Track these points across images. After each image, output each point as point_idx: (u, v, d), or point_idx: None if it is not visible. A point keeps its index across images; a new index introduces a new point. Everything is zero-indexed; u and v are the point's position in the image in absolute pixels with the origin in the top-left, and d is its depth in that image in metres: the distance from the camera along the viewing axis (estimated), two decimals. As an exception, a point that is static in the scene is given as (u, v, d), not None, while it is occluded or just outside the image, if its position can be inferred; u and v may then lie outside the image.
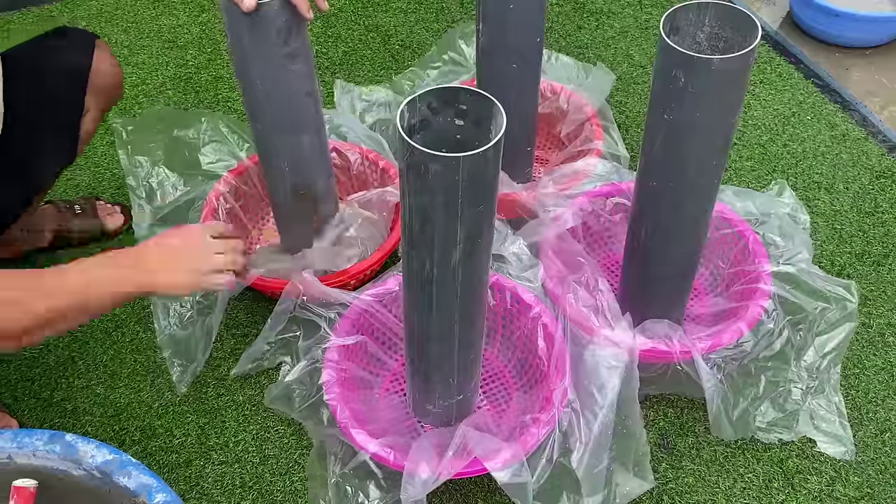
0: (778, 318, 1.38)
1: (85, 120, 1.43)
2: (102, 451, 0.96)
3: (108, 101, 1.48)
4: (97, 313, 1.11)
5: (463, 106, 0.94)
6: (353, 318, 1.34)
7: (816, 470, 1.34)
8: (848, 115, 1.97)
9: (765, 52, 2.16)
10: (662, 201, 1.22)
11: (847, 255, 1.66)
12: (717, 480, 1.33)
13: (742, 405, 1.35)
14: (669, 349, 1.28)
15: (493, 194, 0.95)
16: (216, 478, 1.34)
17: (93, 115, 1.44)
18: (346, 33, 2.22)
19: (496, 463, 1.13)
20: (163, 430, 1.40)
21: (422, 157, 0.87)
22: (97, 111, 1.45)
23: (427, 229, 0.96)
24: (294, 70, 1.26)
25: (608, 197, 1.54)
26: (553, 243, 1.42)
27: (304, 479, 1.33)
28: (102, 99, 1.45)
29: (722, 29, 1.10)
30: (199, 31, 2.22)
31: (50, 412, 1.42)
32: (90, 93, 1.41)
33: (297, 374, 1.31)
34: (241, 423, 1.40)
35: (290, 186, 1.42)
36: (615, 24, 2.24)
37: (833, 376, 1.40)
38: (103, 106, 1.47)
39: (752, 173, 1.84)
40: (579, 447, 1.20)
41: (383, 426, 1.30)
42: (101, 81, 1.43)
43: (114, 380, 1.47)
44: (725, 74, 1.03)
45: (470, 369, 1.22)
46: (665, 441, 1.38)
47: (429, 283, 1.04)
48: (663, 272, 1.33)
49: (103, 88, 1.44)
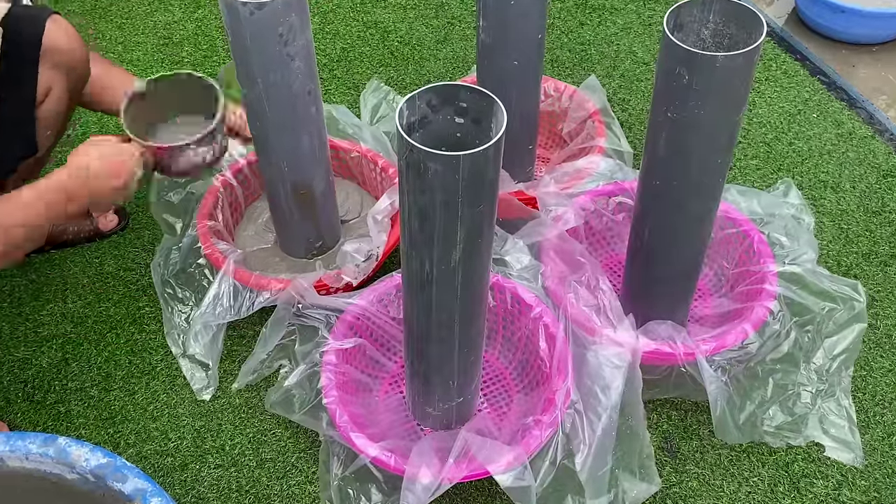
0: (784, 320, 1.38)
1: (49, 100, 1.35)
2: (96, 454, 0.96)
3: (72, 79, 1.39)
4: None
5: (463, 104, 0.94)
6: (350, 320, 1.34)
7: (823, 474, 1.34)
8: (854, 113, 1.97)
9: (770, 48, 2.16)
10: (666, 200, 1.22)
11: (853, 255, 1.66)
12: (722, 484, 1.33)
13: (749, 408, 1.35)
14: (673, 351, 1.28)
15: (494, 193, 0.95)
16: (212, 481, 1.34)
17: (56, 95, 1.36)
18: (344, 30, 2.22)
19: (498, 466, 1.13)
20: (158, 434, 1.40)
21: (421, 156, 0.88)
22: (61, 90, 1.36)
23: (426, 229, 0.96)
24: (295, 68, 1.26)
25: (611, 196, 1.55)
26: (554, 243, 1.42)
27: (301, 483, 1.33)
28: (64, 75, 1.36)
29: (726, 25, 1.10)
30: (195, 28, 2.22)
31: (43, 415, 1.42)
32: (47, 67, 1.33)
33: (296, 378, 1.31)
34: (237, 426, 1.40)
35: (290, 186, 1.42)
36: (618, 20, 2.25)
37: (844, 379, 1.40)
38: (67, 84, 1.38)
39: (756, 172, 1.84)
40: (583, 449, 1.20)
41: (383, 429, 1.30)
42: (60, 56, 1.34)
43: (108, 382, 1.47)
44: (730, 72, 1.03)
45: (470, 371, 1.22)
46: (669, 444, 1.38)
47: (428, 284, 1.04)
48: (667, 273, 1.33)
49: (63, 64, 1.35)
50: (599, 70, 2.08)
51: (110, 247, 1.67)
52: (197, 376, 1.45)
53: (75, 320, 1.56)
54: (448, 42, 2.17)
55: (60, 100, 1.38)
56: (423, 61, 2.11)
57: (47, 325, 1.55)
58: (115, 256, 1.65)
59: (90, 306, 1.58)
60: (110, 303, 1.58)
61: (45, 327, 1.55)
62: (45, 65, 1.33)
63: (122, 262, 1.65)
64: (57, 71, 1.35)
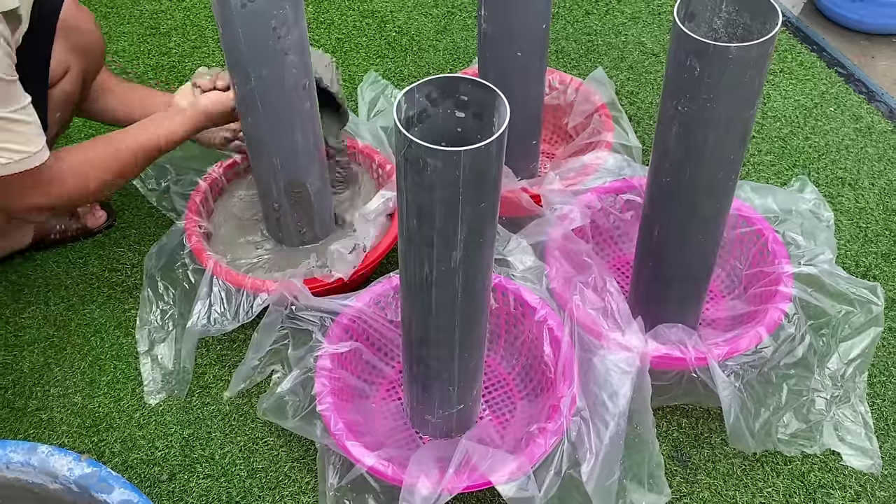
0: (799, 323, 1.38)
1: (64, 80, 1.39)
2: (80, 463, 0.96)
3: (89, 60, 1.44)
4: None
5: (464, 97, 0.94)
6: (346, 323, 1.34)
7: (840, 484, 1.34)
8: (873, 107, 1.97)
9: (785, 39, 2.16)
10: (676, 198, 1.23)
11: (872, 256, 1.66)
12: (735, 495, 1.33)
13: (763, 416, 1.35)
14: (684, 355, 1.28)
15: (496, 191, 0.95)
16: (201, 492, 1.34)
17: (72, 77, 1.40)
18: (339, 19, 2.22)
19: (501, 476, 1.13)
20: (144, 442, 1.40)
21: (420, 151, 0.88)
22: (77, 73, 1.41)
23: (426, 228, 0.96)
24: (289, 62, 1.26)
25: (618, 193, 1.55)
26: (559, 243, 1.43)
27: (294, 494, 1.33)
28: (82, 56, 1.41)
29: (740, 15, 1.10)
30: (183, 17, 2.22)
31: (24, 422, 1.42)
32: (67, 48, 1.37)
33: (289, 383, 1.31)
34: (227, 435, 1.40)
35: (283, 184, 1.43)
36: (626, 9, 2.25)
37: (859, 385, 1.40)
38: (84, 66, 1.42)
39: (771, 168, 1.84)
40: (589, 458, 1.20)
41: (380, 437, 1.30)
42: (79, 37, 1.39)
43: (92, 388, 1.47)
44: (743, 63, 1.03)
45: (471, 377, 1.22)
46: (679, 453, 1.38)
47: (428, 286, 1.04)
48: (677, 273, 1.33)
49: (81, 45, 1.40)
50: (607, 62, 2.09)
51: (95, 246, 1.67)
52: (154, 378, 1.46)
53: (58, 323, 1.56)
54: (448, 32, 2.17)
55: (75, 82, 1.41)
56: (423, 52, 2.12)
57: (28, 328, 1.55)
58: (99, 256, 1.66)
59: (74, 309, 1.58)
60: (95, 305, 1.58)
61: (26, 331, 1.55)
62: (65, 45, 1.36)
63: (107, 263, 1.65)
64: (75, 53, 1.38)
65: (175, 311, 1.50)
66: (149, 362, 1.47)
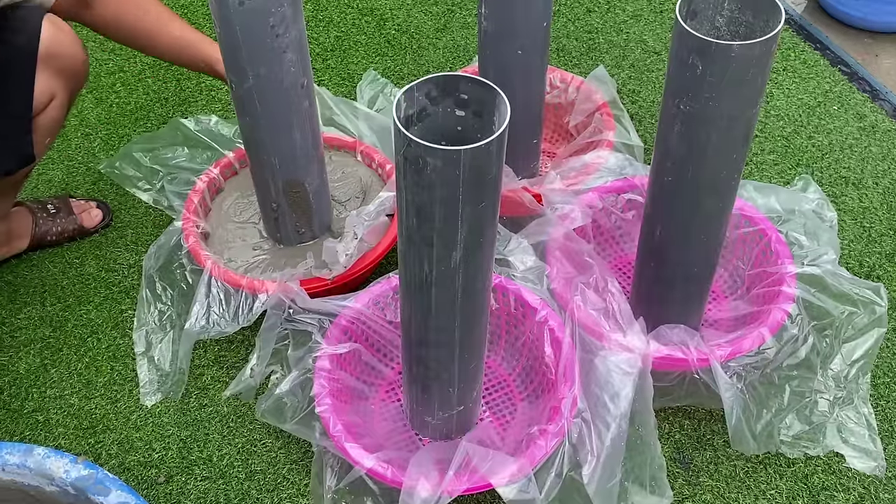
0: (802, 324, 1.38)
1: (50, 108, 1.34)
2: (77, 465, 0.96)
3: (74, 82, 1.38)
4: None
5: (464, 95, 0.94)
6: (345, 324, 1.34)
7: (844, 486, 1.34)
8: (877, 106, 1.97)
9: (788, 37, 2.16)
10: (678, 197, 1.23)
11: (876, 256, 1.66)
12: (738, 497, 1.33)
13: (766, 417, 1.35)
14: (686, 356, 1.28)
15: (497, 190, 0.95)
16: (199, 494, 1.34)
17: (59, 103, 1.35)
18: (338, 17, 2.22)
19: (501, 478, 1.13)
20: (141, 444, 1.40)
21: (420, 150, 0.88)
22: (64, 98, 1.36)
23: (425, 228, 0.96)
24: (287, 61, 1.26)
25: (620, 193, 1.55)
26: (560, 243, 1.42)
27: (293, 496, 1.33)
28: (67, 80, 1.34)
29: (742, 13, 1.10)
30: (180, 15, 2.21)
31: (20, 424, 1.42)
32: (50, 74, 1.31)
33: (288, 385, 1.31)
34: (225, 436, 1.40)
35: (282, 184, 1.43)
36: (627, 6, 2.25)
37: (862, 386, 1.40)
38: (70, 87, 1.37)
39: (774, 167, 1.84)
40: (591, 460, 1.20)
41: (379, 439, 1.30)
42: (62, 62, 1.32)
43: (89, 389, 1.47)
44: (746, 61, 1.03)
45: (471, 378, 1.22)
46: (681, 455, 1.38)
47: (427, 286, 1.04)
48: (679, 274, 1.33)
49: (66, 69, 1.33)
50: (608, 60, 2.08)
51: (91, 246, 1.67)
52: (151, 379, 1.45)
53: (54, 324, 1.56)
54: (448, 30, 2.17)
55: (63, 107, 1.38)
56: (422, 50, 2.12)
57: (25, 329, 1.55)
58: (96, 257, 1.66)
59: (70, 309, 1.58)
60: (91, 306, 1.58)
61: (22, 332, 1.55)
62: (47, 71, 1.31)
63: (103, 263, 1.65)
64: (59, 78, 1.33)
65: (173, 312, 1.50)
66: (146, 363, 1.47)
